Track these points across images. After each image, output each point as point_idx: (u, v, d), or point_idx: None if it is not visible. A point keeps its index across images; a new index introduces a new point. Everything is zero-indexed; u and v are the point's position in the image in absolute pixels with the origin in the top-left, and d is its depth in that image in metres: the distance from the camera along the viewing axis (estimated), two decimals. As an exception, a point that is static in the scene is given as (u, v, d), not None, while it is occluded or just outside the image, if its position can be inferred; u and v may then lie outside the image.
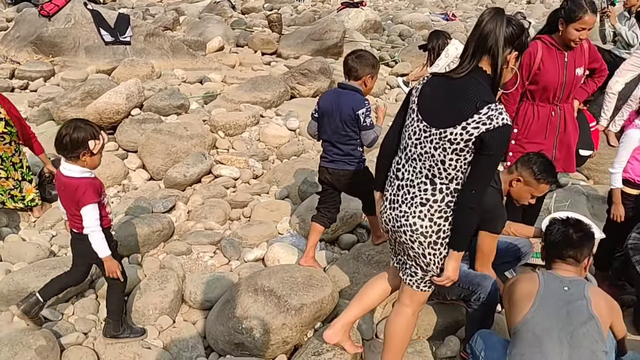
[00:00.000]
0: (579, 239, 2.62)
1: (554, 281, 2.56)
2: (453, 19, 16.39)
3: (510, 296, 2.65)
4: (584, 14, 3.36)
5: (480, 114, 2.16)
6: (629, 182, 3.64)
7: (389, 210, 2.46)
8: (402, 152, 2.43)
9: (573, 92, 3.69)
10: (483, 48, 2.19)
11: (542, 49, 3.57)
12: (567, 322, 2.41)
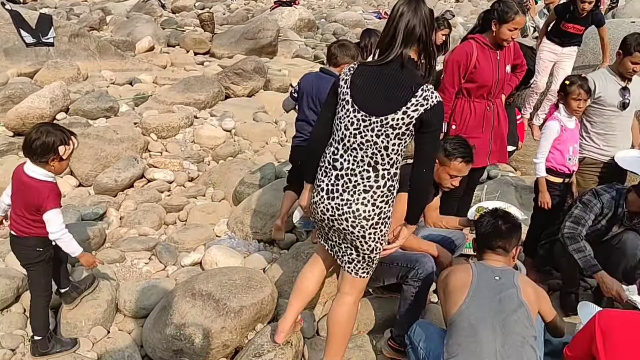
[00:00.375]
0: (508, 230, 2.71)
1: (486, 271, 2.64)
2: (385, 17, 16.68)
3: (445, 287, 2.71)
4: (516, 15, 3.52)
5: (417, 97, 2.28)
6: (552, 171, 3.81)
7: (327, 200, 2.49)
8: (338, 144, 2.46)
9: (504, 88, 3.85)
10: (412, 37, 2.29)
11: (476, 49, 3.69)
12: (499, 310, 2.50)
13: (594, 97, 3.93)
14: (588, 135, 4.03)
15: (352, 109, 2.39)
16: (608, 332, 2.35)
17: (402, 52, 2.31)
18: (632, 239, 3.47)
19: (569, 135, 3.77)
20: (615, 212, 3.43)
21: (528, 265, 4.00)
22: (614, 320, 2.40)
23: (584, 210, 3.40)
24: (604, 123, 3.97)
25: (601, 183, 4.01)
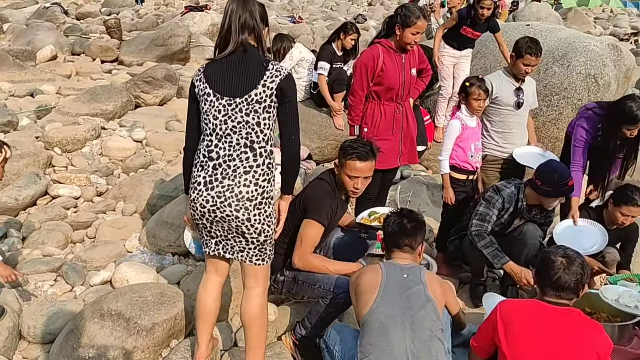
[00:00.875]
0: (413, 228, 2.81)
1: (394, 270, 2.72)
2: (300, 21, 16.82)
3: (356, 289, 2.76)
4: (417, 19, 3.65)
5: (270, 70, 2.51)
6: (456, 168, 3.99)
7: (206, 192, 2.55)
8: (210, 135, 2.57)
9: (411, 90, 3.98)
10: (246, 28, 2.54)
11: (382, 53, 3.80)
12: (408, 307, 2.57)
13: (492, 98, 4.14)
14: (488, 134, 4.24)
15: (215, 98, 2.52)
16: (508, 322, 2.49)
17: (240, 40, 2.53)
18: (532, 230, 3.70)
19: (470, 133, 3.96)
20: (516, 206, 3.64)
21: (439, 260, 4.16)
22: (513, 309, 2.54)
23: (488, 207, 3.58)
24: (502, 122, 4.19)
25: (503, 178, 4.23)
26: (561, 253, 2.53)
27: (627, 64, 6.26)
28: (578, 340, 2.39)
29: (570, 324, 2.43)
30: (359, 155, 3.03)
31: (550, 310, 2.46)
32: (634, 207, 3.62)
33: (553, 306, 2.47)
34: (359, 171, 3.05)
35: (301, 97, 6.41)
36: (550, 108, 5.76)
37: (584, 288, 2.52)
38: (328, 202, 3.07)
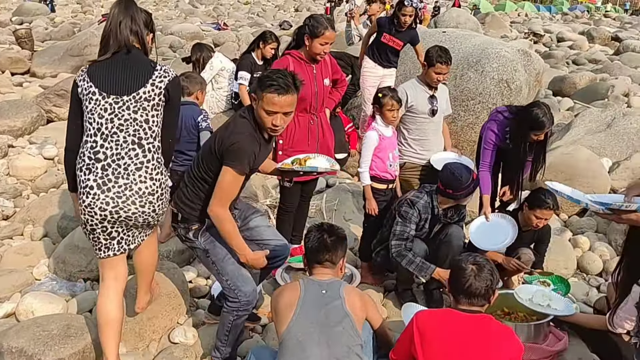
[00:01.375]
0: (333, 243, 2.77)
1: (313, 286, 2.67)
2: (225, 28, 16.60)
3: (275, 307, 2.70)
4: (325, 30, 3.64)
5: (158, 70, 2.63)
6: (376, 178, 4.00)
7: (102, 195, 2.54)
8: (95, 136, 2.57)
9: (325, 101, 3.96)
10: (131, 31, 2.66)
11: (293, 63, 3.77)
12: (325, 324, 2.53)
13: (407, 106, 4.20)
14: (406, 142, 4.30)
15: (101, 97, 2.56)
16: (424, 332, 2.49)
17: (124, 42, 2.63)
18: (457, 231, 3.79)
19: (387, 143, 3.99)
20: (433, 214, 3.70)
21: (364, 269, 4.17)
22: (428, 319, 2.55)
23: (404, 224, 3.62)
24: (418, 129, 4.26)
25: (422, 185, 4.30)
26: (471, 260, 2.56)
27: (537, 68, 6.54)
28: (491, 347, 2.42)
29: (483, 331, 2.46)
30: (278, 88, 2.65)
31: (463, 318, 2.49)
32: (547, 210, 3.76)
33: (466, 314, 2.50)
34: (278, 106, 2.66)
35: (223, 108, 6.30)
36: (467, 113, 5.92)
37: (494, 294, 2.56)
38: (249, 146, 2.72)
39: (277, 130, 2.76)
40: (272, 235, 3.19)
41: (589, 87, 10.22)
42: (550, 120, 3.83)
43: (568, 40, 17.74)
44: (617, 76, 11.46)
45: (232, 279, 2.92)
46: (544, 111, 3.80)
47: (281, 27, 15.30)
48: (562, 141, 6.36)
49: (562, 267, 4.46)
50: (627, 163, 5.81)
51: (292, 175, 3.42)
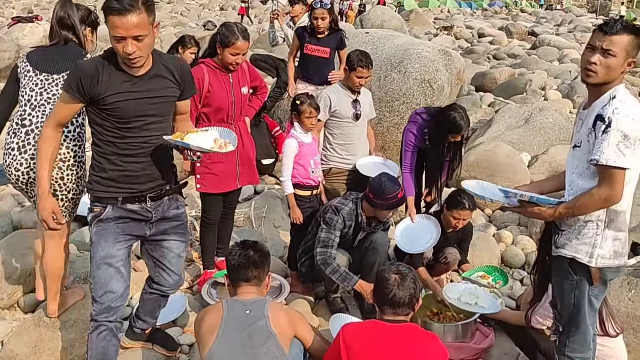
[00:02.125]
0: (260, 259, 2.69)
1: (236, 307, 2.58)
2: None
3: (198, 331, 2.60)
4: (236, 40, 3.53)
5: (86, 57, 2.96)
6: (299, 185, 3.95)
7: (20, 156, 2.94)
8: (25, 106, 2.99)
9: (244, 110, 3.86)
10: (67, 26, 3.04)
11: (207, 72, 3.66)
12: (248, 346, 2.46)
13: (331, 111, 4.17)
14: (331, 147, 4.27)
15: (34, 74, 3.00)
16: (350, 346, 2.46)
17: (62, 35, 3.04)
18: (382, 237, 3.79)
19: (307, 149, 3.95)
20: (357, 221, 3.69)
21: (293, 278, 4.12)
22: (354, 333, 2.52)
23: (329, 231, 3.59)
24: (342, 134, 4.24)
25: (349, 189, 4.29)
26: (394, 270, 2.57)
27: (457, 67, 6.70)
28: (417, 355, 2.43)
29: (408, 339, 2.46)
30: (116, 9, 2.25)
31: (388, 328, 2.49)
32: (463, 210, 3.84)
33: (391, 324, 2.50)
34: (122, 29, 2.26)
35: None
36: (392, 113, 5.98)
37: (418, 302, 2.58)
38: (82, 67, 2.44)
39: (133, 59, 2.34)
40: (174, 267, 2.88)
41: (508, 82, 10.62)
42: (466, 123, 3.94)
43: (488, 35, 18.40)
44: (534, 70, 11.98)
45: (95, 281, 2.63)
46: (461, 114, 3.89)
47: (205, 28, 15.00)
48: (484, 137, 6.55)
49: (486, 262, 4.56)
50: (544, 157, 6.05)
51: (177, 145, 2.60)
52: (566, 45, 16.06)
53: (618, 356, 3.04)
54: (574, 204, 2.44)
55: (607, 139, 2.29)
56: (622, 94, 2.38)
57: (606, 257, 2.49)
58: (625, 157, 2.28)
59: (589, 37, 2.54)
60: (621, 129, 2.28)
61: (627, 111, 2.31)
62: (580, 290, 2.56)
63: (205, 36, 13.76)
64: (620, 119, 2.29)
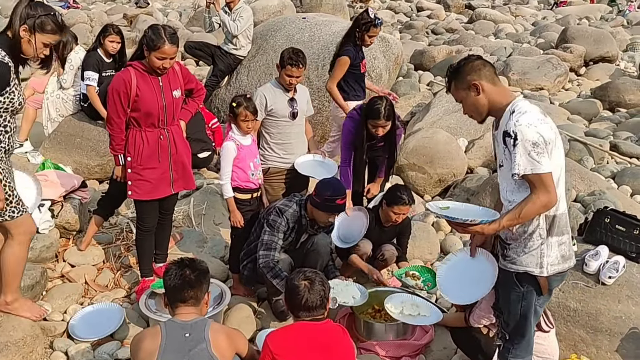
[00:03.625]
0: (197, 278, 2.62)
1: (175, 330, 2.52)
2: (75, 6, 15.25)
3: (135, 357, 2.52)
4: (163, 44, 3.38)
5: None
6: (239, 189, 3.88)
7: None
8: None
9: (176, 114, 3.72)
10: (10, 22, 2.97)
11: (135, 76, 3.51)
12: None
13: (267, 110, 4.09)
14: (269, 146, 4.20)
15: None
16: (278, 352, 2.52)
17: (14, 30, 2.95)
18: (323, 239, 3.79)
19: (246, 152, 3.88)
20: (300, 223, 3.67)
21: (235, 280, 4.08)
22: (279, 338, 2.58)
23: (272, 233, 3.56)
24: (280, 133, 4.18)
25: (288, 189, 4.25)
26: (302, 277, 2.64)
27: (395, 52, 6.70)
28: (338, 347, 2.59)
29: (328, 334, 2.61)
30: None
31: (310, 327, 2.59)
32: (403, 206, 3.89)
33: (313, 323, 2.61)
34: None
35: (71, 110, 5.79)
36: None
37: (329, 301, 2.68)
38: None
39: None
40: None
41: (447, 60, 10.71)
42: (385, 113, 4.00)
43: (427, 9, 18.45)
44: (471, 47, 12.14)
45: None
46: (383, 104, 4.01)
47: (138, 5, 14.32)
48: (422, 122, 6.61)
49: (426, 252, 4.67)
50: (480, 142, 6.18)
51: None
52: (502, 19, 16.34)
53: (552, 350, 3.18)
54: (517, 213, 2.50)
55: (519, 152, 2.40)
56: (519, 106, 2.51)
57: (555, 263, 2.58)
58: (541, 163, 2.40)
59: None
60: (527, 139, 2.39)
61: (528, 120, 2.43)
62: (527, 301, 2.64)
63: (138, 14, 13.19)
64: (523, 130, 2.40)
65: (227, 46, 6.62)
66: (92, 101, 5.42)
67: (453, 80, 2.65)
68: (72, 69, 5.60)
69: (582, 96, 9.44)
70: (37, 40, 2.96)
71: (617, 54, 11.45)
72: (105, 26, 5.64)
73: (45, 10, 2.97)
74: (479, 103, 2.59)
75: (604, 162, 6.43)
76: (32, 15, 2.92)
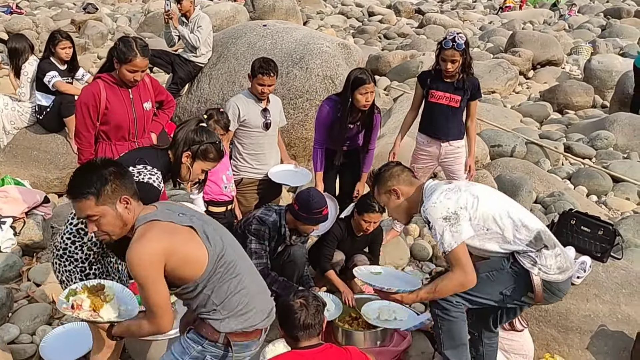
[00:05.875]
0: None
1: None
2: (19, 11, 14.68)
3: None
4: (135, 57, 3.34)
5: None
6: (213, 202, 3.84)
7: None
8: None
9: (147, 126, 3.67)
10: None
11: (105, 89, 3.45)
12: None
13: (240, 121, 4.06)
14: (241, 157, 4.18)
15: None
16: None
17: (177, 154, 2.76)
18: (299, 250, 3.79)
19: (219, 165, 3.81)
20: (279, 233, 3.65)
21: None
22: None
23: (259, 242, 3.53)
24: (253, 144, 4.16)
25: (262, 199, 4.23)
26: (295, 297, 2.58)
27: (357, 59, 6.76)
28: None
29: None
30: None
31: (309, 355, 2.48)
32: (373, 213, 3.89)
33: (309, 350, 2.50)
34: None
35: (27, 122, 5.58)
36: (296, 111, 5.93)
37: (324, 319, 2.62)
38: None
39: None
40: None
41: (402, 65, 10.91)
42: (369, 76, 3.98)
43: (378, 14, 18.73)
44: (424, 52, 12.40)
45: None
46: (362, 70, 4.07)
47: (86, 11, 13.87)
48: (385, 128, 6.70)
49: (397, 258, 4.73)
50: (443, 146, 6.30)
51: None
52: (451, 24, 16.75)
53: (527, 348, 3.29)
54: (433, 287, 2.70)
55: (438, 231, 2.60)
56: (427, 190, 2.75)
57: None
58: (459, 232, 2.57)
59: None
60: (437, 217, 2.60)
61: (432, 201, 2.64)
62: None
63: (86, 20, 12.79)
64: (430, 211, 2.62)
65: (187, 54, 6.51)
66: (64, 90, 5.23)
67: (375, 185, 2.88)
68: (29, 80, 5.40)
69: (532, 99, 9.81)
70: (197, 166, 2.79)
71: (562, 58, 11.94)
72: (53, 33, 5.47)
73: (210, 137, 2.79)
74: (400, 207, 2.84)
75: (559, 164, 6.69)
76: (198, 142, 2.75)
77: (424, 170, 4.61)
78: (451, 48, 4.04)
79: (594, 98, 9.54)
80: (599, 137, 7.12)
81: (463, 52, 4.07)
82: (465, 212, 2.59)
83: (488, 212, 2.64)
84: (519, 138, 6.67)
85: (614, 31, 15.22)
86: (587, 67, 10.27)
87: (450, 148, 4.39)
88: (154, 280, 2.12)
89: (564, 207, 4.85)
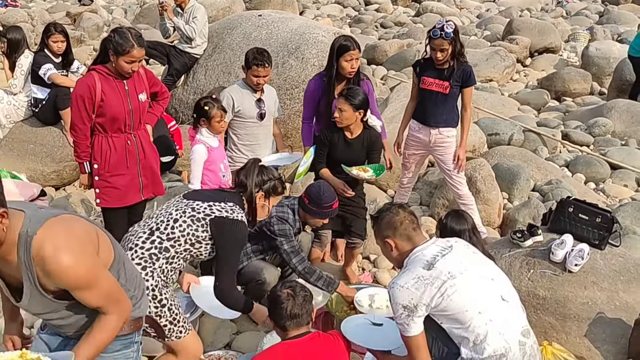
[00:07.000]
0: None
1: None
2: (14, 4, 14.57)
3: None
4: (132, 48, 3.32)
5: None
6: (212, 192, 3.82)
7: None
8: None
9: (143, 118, 3.65)
10: None
11: (100, 81, 3.43)
12: None
13: (235, 111, 4.05)
14: (236, 147, 4.18)
15: None
16: None
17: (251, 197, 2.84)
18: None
19: (216, 154, 3.85)
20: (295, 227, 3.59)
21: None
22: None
23: (289, 240, 3.45)
24: (247, 134, 4.15)
25: (258, 189, 4.21)
26: (283, 288, 2.62)
27: (353, 49, 6.71)
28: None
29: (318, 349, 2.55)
30: None
31: (297, 345, 2.52)
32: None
33: (296, 340, 2.54)
34: None
35: (23, 115, 5.56)
36: (292, 101, 5.92)
37: (313, 309, 2.66)
38: None
39: None
40: None
41: (398, 54, 10.87)
42: (353, 43, 3.90)
43: (374, 3, 18.62)
44: (420, 41, 12.34)
45: None
46: (343, 37, 4.03)
47: (81, 3, 13.79)
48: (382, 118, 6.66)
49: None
50: (439, 135, 6.28)
51: None
52: (448, 12, 16.65)
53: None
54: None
55: (395, 313, 2.49)
56: (410, 260, 2.56)
57: None
58: (410, 325, 2.43)
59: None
60: (398, 301, 2.45)
61: (402, 281, 2.48)
62: None
63: (82, 12, 12.71)
64: (394, 292, 2.47)
65: (183, 45, 6.49)
66: (60, 82, 5.21)
67: (374, 226, 2.75)
68: (23, 73, 5.38)
69: (529, 86, 9.77)
70: (271, 203, 2.96)
71: (560, 45, 11.89)
72: (48, 26, 5.46)
73: (272, 174, 2.96)
74: (393, 257, 2.69)
75: (557, 151, 6.69)
76: (266, 181, 2.90)
77: (415, 157, 4.59)
78: (439, 37, 4.04)
79: (592, 85, 9.50)
80: (597, 124, 7.10)
81: (452, 40, 4.06)
82: (423, 310, 2.43)
83: (456, 314, 2.46)
84: (516, 126, 6.65)
85: (612, 18, 15.13)
86: (584, 54, 10.22)
87: (439, 137, 4.34)
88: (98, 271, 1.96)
89: (561, 194, 4.84)
